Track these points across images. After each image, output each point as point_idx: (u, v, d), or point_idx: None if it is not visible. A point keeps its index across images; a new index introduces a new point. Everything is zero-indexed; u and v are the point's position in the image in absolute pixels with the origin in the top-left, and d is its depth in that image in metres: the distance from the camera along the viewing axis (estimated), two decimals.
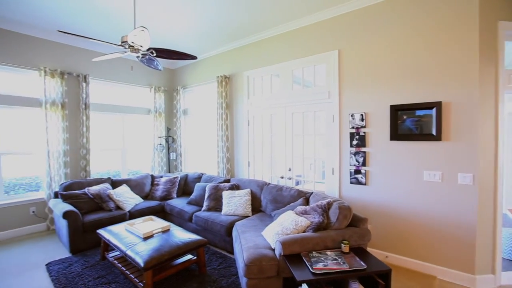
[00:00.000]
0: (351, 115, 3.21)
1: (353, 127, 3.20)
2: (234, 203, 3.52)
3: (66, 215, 3.24)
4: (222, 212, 3.52)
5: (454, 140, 2.60)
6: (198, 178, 4.60)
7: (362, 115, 3.13)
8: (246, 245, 2.48)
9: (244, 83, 4.42)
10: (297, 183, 3.98)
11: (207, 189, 3.87)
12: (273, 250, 2.37)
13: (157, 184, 4.61)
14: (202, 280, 2.68)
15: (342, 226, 2.41)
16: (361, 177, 3.16)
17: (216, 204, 3.70)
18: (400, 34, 2.87)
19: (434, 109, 2.66)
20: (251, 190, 3.72)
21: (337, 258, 2.09)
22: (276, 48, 3.98)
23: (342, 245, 2.18)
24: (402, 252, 2.94)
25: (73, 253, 3.29)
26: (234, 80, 4.59)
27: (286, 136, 3.89)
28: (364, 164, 3.14)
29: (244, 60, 4.44)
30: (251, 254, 2.28)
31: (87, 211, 3.64)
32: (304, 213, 2.71)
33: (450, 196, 2.64)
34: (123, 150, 5.18)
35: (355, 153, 3.20)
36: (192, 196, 4.09)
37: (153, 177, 4.79)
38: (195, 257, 2.83)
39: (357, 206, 3.23)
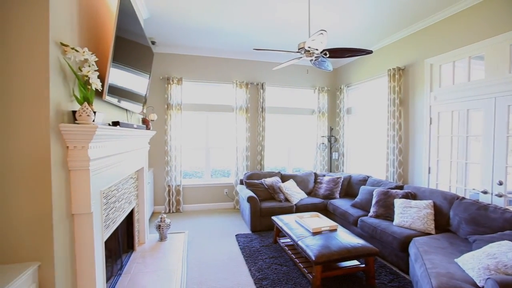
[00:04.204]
0: None
1: None
2: (411, 214, 2.99)
3: (249, 199, 3.96)
4: (394, 223, 3.08)
5: None
6: (363, 181, 4.31)
7: None
8: (434, 270, 2.02)
9: (425, 73, 3.67)
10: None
11: (374, 193, 3.53)
12: None
13: (320, 183, 4.72)
14: None
15: None
16: None
17: (386, 212, 3.30)
18: None
19: None
20: (433, 203, 3.03)
21: None
22: (476, 20, 3.00)
23: None
24: None
25: (252, 231, 3.96)
26: (411, 71, 3.91)
27: (495, 137, 2.86)
28: None
29: (424, 46, 3.68)
30: (444, 284, 1.83)
31: (263, 199, 4.27)
32: None
33: None
34: (288, 148, 5.72)
35: None
36: (357, 199, 3.87)
37: (316, 175, 4.96)
38: (363, 265, 2.64)
39: None
